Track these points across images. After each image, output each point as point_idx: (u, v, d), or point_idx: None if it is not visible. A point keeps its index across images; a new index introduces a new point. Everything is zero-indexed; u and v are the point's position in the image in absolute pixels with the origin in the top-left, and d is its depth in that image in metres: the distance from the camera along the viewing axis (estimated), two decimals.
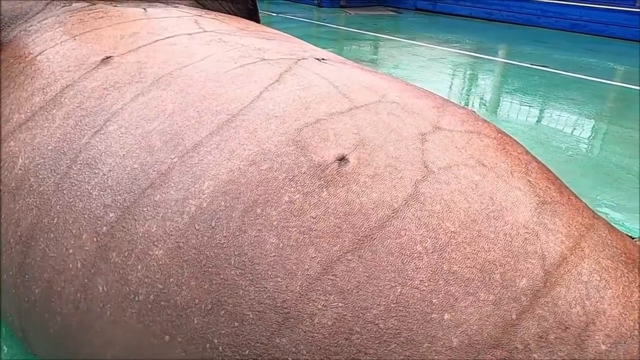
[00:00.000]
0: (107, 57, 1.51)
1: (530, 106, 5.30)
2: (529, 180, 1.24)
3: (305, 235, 1.03)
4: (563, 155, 4.21)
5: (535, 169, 1.32)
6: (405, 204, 1.09)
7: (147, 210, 1.11)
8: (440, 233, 1.05)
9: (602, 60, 8.41)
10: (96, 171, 1.21)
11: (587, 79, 6.92)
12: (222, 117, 1.25)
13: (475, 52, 8.45)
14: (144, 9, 1.93)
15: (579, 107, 5.50)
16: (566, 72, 7.26)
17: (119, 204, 1.14)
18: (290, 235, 1.03)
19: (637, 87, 6.43)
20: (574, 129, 4.68)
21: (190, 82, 1.39)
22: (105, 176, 1.19)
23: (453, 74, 6.87)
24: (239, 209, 1.07)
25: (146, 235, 1.09)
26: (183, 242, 1.06)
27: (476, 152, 1.26)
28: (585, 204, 1.31)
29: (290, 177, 1.10)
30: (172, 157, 1.18)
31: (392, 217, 1.06)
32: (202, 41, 1.66)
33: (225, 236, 1.05)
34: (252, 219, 1.05)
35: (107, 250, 1.11)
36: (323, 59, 1.62)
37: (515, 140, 1.45)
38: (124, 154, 1.22)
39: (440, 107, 1.44)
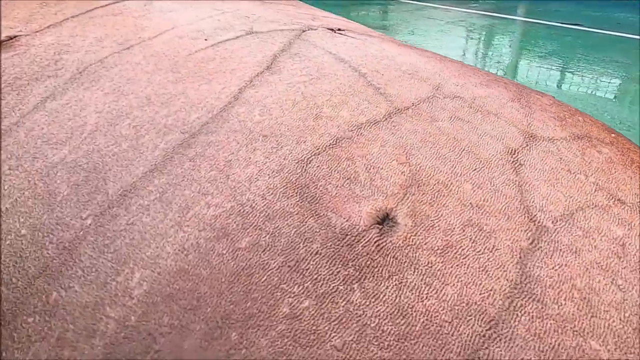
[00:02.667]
0: (11, 38, 0.95)
1: (568, 72, 4.44)
2: None
3: None
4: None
5: None
6: (510, 307, 0.55)
7: (25, 332, 0.58)
8: None
9: (636, 15, 7.25)
10: None
11: (628, 37, 5.82)
12: (174, 139, 0.70)
13: (497, 12, 7.28)
14: None
15: (624, 70, 4.47)
16: (603, 30, 6.18)
17: None
18: None
19: None
20: (620, 97, 4.02)
21: (130, 75, 0.83)
22: None
23: (477, 39, 5.83)
24: (196, 333, 0.53)
25: None
26: None
27: (601, 177, 0.71)
28: None
29: (292, 264, 0.56)
30: (84, 216, 0.64)
31: (487, 341, 0.53)
32: (162, 7, 1.08)
33: None
34: (222, 355, 0.52)
35: None
36: (339, 30, 1.05)
37: (625, 137, 0.89)
38: (3, 209, 0.68)
39: (519, 97, 0.87)
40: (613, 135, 0.85)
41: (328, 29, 1.04)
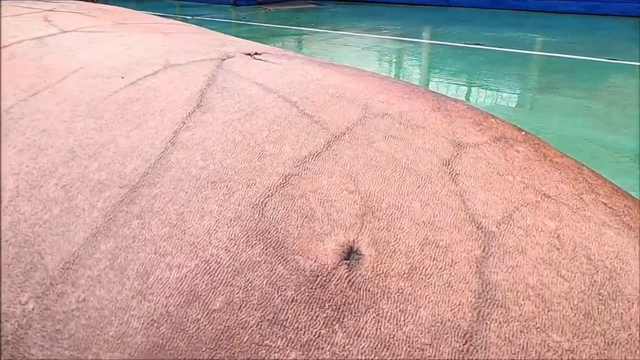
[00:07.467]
0: None
1: (478, 87, 4.70)
2: (605, 204, 0.76)
3: None
4: None
5: (592, 176, 0.84)
6: (478, 317, 0.56)
7: None
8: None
9: (527, 33, 7.93)
10: None
11: (523, 53, 6.34)
12: (112, 195, 0.62)
13: (407, 37, 7.56)
14: None
15: (526, 81, 4.87)
16: (500, 47, 6.66)
17: None
18: None
19: (571, 56, 6.00)
20: (531, 105, 4.14)
21: (45, 126, 0.72)
22: None
23: (394, 61, 6.08)
24: None
25: None
26: None
27: (526, 175, 0.75)
28: None
29: (270, 317, 0.52)
30: (23, 300, 0.55)
31: (466, 355, 0.53)
32: (61, 46, 0.96)
33: None
34: None
35: None
36: (256, 54, 1.00)
37: (531, 133, 0.96)
38: None
39: (439, 106, 0.90)
40: (523, 133, 0.90)
41: (245, 54, 0.99)
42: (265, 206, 0.60)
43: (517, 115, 3.86)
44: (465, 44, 7.05)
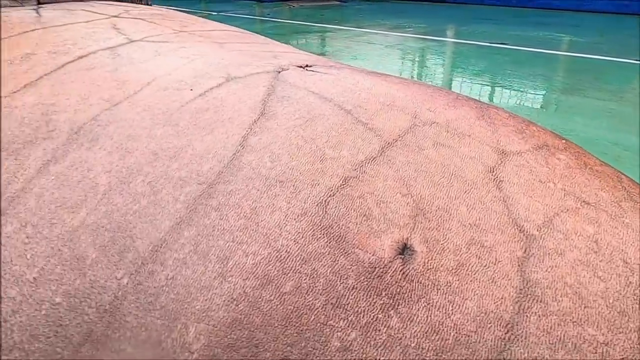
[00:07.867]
0: None
1: (502, 87, 4.68)
2: None
3: None
4: None
5: (631, 184, 0.88)
6: (519, 310, 0.62)
7: None
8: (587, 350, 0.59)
9: (553, 33, 7.86)
10: None
11: (548, 52, 6.26)
12: (192, 190, 0.71)
13: (430, 35, 7.65)
14: (35, 9, 1.30)
15: (550, 82, 4.82)
16: (525, 47, 6.59)
17: None
18: None
19: (597, 57, 5.89)
20: (555, 106, 4.07)
21: (129, 132, 0.82)
22: None
23: (417, 60, 6.06)
24: None
25: None
26: None
27: (567, 183, 0.80)
28: None
29: (334, 302, 0.59)
30: (119, 276, 0.64)
31: (507, 343, 0.59)
32: (131, 58, 1.07)
33: None
34: None
35: None
36: (307, 66, 1.09)
37: (572, 142, 1.00)
38: (31, 279, 0.66)
39: (482, 114, 0.96)
40: (563, 141, 0.95)
41: (297, 66, 1.07)
42: (328, 204, 0.68)
43: (541, 116, 3.82)
44: (490, 43, 6.98)
